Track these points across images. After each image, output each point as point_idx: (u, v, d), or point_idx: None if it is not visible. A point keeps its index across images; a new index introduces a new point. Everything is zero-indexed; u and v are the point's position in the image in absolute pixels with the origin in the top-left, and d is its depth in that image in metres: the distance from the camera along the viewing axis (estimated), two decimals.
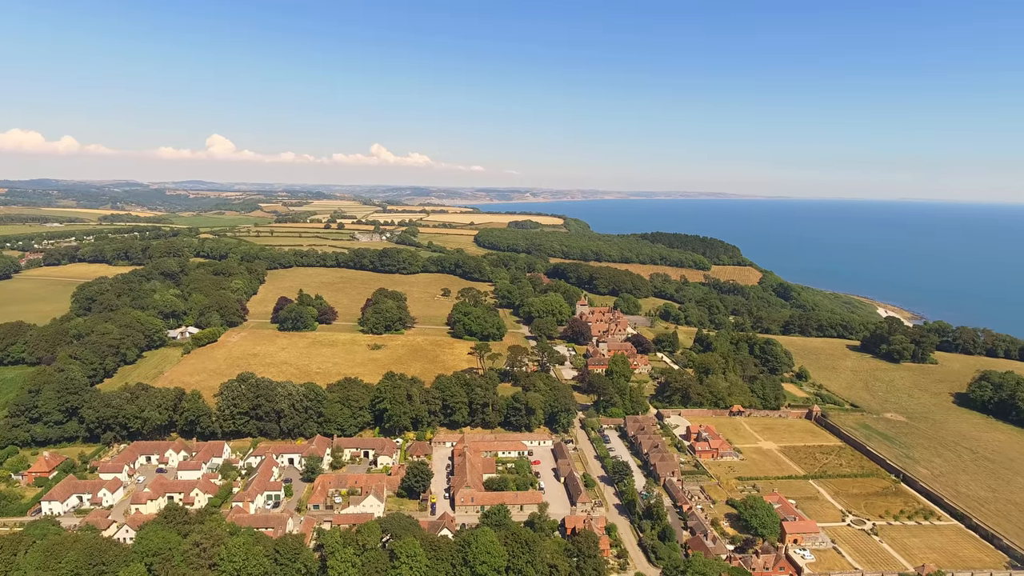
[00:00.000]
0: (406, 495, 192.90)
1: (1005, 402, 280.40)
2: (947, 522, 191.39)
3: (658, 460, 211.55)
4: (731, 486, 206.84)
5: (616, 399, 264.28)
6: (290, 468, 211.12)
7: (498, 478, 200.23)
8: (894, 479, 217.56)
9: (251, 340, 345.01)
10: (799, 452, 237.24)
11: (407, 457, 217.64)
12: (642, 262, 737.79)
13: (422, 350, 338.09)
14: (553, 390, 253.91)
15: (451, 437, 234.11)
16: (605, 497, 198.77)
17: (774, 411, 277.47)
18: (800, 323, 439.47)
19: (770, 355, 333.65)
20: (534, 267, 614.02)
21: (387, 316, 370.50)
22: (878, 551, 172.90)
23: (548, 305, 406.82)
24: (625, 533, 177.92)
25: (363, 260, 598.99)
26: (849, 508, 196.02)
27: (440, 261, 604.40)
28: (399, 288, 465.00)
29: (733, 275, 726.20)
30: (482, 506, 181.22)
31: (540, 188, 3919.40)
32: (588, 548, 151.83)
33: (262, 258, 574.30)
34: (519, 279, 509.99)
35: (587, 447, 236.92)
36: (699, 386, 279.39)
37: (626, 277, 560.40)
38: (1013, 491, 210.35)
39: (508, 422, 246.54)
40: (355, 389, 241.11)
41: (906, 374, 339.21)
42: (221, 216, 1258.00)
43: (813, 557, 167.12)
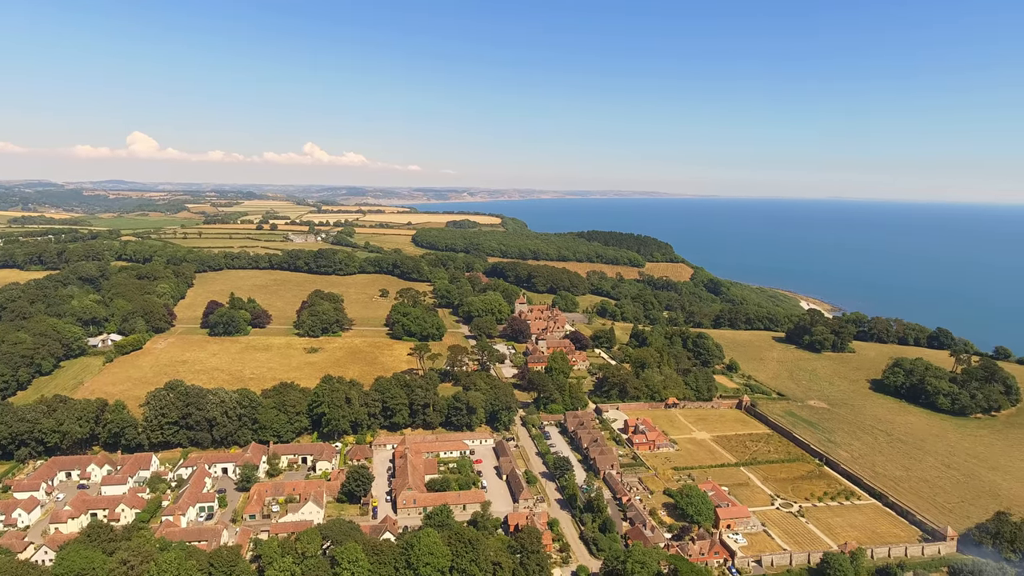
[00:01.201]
0: (347, 500, 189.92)
1: (916, 387, 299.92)
2: (866, 501, 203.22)
3: (598, 454, 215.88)
4: (668, 476, 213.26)
5: (556, 395, 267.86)
6: (224, 478, 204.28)
7: (440, 479, 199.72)
8: (818, 463, 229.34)
9: (180, 346, 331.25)
10: (731, 441, 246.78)
11: (347, 461, 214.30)
12: (579, 260, 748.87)
13: (361, 352, 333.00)
14: (494, 389, 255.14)
15: (392, 439, 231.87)
16: (547, 492, 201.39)
17: (707, 402, 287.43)
18: (730, 317, 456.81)
19: (702, 348, 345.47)
20: (473, 266, 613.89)
21: (324, 318, 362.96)
22: (805, 532, 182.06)
23: (487, 304, 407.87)
24: (567, 527, 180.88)
25: (298, 261, 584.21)
26: (777, 492, 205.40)
27: (378, 262, 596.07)
28: (336, 290, 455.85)
29: (666, 272, 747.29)
30: (424, 507, 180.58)
31: (477, 187, 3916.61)
32: (531, 544, 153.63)
33: (190, 261, 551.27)
34: (458, 279, 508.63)
35: (528, 444, 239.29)
36: (636, 380, 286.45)
37: (564, 275, 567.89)
38: (924, 469, 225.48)
39: (449, 422, 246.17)
40: (291, 394, 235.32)
41: (827, 363, 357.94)
42: (145, 217, 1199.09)
43: (745, 541, 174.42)
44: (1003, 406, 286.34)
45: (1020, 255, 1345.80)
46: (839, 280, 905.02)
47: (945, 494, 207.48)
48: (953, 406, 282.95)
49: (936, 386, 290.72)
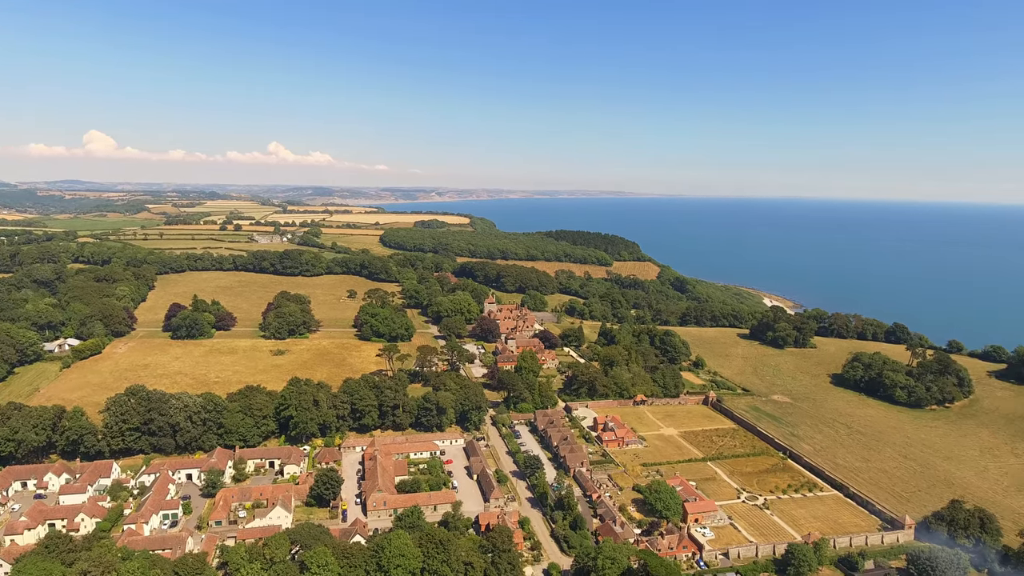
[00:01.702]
0: (316, 504, 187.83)
1: (874, 380, 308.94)
2: (828, 492, 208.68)
3: (568, 452, 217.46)
4: (637, 472, 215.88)
5: (526, 394, 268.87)
6: (189, 484, 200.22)
7: (411, 480, 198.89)
8: (782, 456, 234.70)
9: (141, 350, 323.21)
10: (698, 436, 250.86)
11: (315, 465, 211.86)
12: (547, 259, 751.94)
13: (328, 354, 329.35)
14: (463, 388, 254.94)
15: (361, 441, 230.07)
16: (518, 491, 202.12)
17: (674, 399, 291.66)
18: (696, 314, 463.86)
19: (669, 346, 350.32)
20: (441, 266, 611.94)
21: (290, 320, 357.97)
22: (770, 523, 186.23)
23: (456, 304, 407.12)
24: (538, 525, 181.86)
25: (263, 263, 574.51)
26: (743, 486, 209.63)
27: (345, 262, 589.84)
28: (302, 291, 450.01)
29: (634, 270, 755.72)
30: (395, 509, 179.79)
31: (445, 187, 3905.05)
32: (502, 543, 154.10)
33: (151, 262, 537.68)
34: (427, 279, 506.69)
35: (499, 443, 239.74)
36: (604, 378, 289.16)
37: (532, 275, 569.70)
38: (883, 460, 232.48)
39: (419, 423, 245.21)
40: (258, 397, 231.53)
41: (790, 358, 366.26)
42: (103, 218, 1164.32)
43: (713, 534, 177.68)
44: (956, 398, 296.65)
45: (971, 252, 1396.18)
46: (801, 276, 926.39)
47: (903, 484, 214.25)
48: (909, 398, 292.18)
49: (893, 379, 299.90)
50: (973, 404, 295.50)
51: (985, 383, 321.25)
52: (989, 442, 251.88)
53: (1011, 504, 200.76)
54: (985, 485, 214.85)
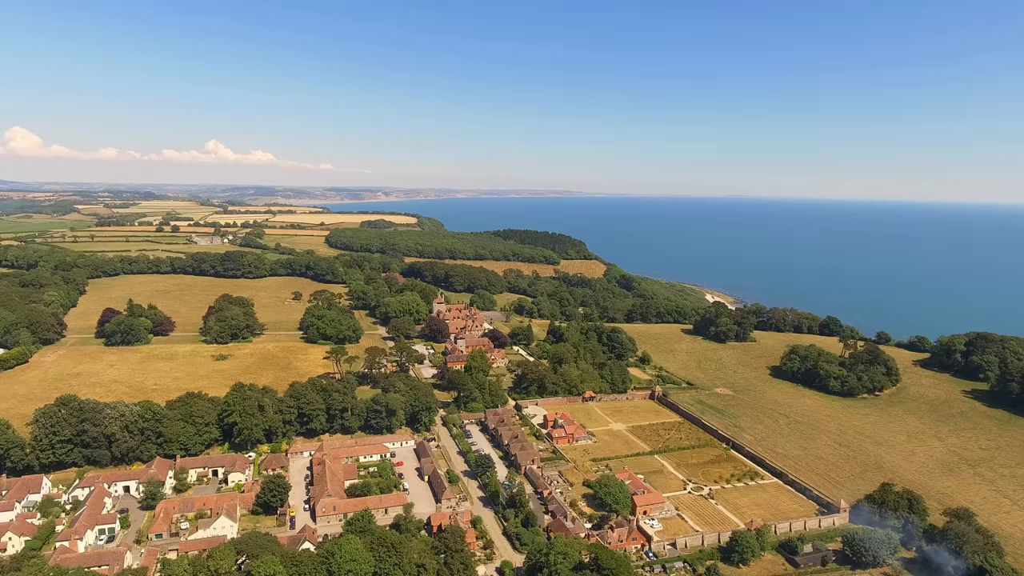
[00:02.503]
0: (262, 512, 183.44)
1: (810, 371, 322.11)
2: (769, 480, 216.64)
3: (518, 450, 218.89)
4: (587, 468, 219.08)
5: (476, 394, 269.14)
6: (126, 497, 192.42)
7: (361, 483, 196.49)
8: (725, 447, 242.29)
9: (72, 358, 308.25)
10: (645, 430, 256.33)
11: (261, 472, 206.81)
12: (496, 259, 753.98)
13: (274, 358, 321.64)
14: (413, 390, 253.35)
15: (309, 446, 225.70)
16: (470, 491, 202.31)
17: (622, 394, 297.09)
18: (641, 311, 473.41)
19: (616, 342, 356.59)
20: (389, 267, 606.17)
21: (233, 324, 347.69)
22: (715, 513, 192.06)
23: (405, 305, 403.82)
24: (490, 524, 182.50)
25: (203, 265, 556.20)
26: (689, 477, 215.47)
27: (290, 263, 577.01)
28: (245, 294, 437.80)
29: (581, 269, 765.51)
30: (345, 514, 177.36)
31: (392, 187, 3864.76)
32: (455, 543, 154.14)
33: (82, 266, 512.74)
34: (374, 279, 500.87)
35: (450, 443, 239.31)
36: (554, 376, 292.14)
37: (481, 274, 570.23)
38: (819, 448, 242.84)
39: (369, 425, 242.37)
40: (199, 404, 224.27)
41: (731, 352, 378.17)
42: (28, 220, 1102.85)
43: (661, 525, 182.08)
44: (885, 386, 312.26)
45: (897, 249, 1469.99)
46: (740, 273, 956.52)
47: (838, 470, 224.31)
48: (842, 388, 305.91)
49: (827, 370, 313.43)
50: (900, 392, 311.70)
51: (911, 372, 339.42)
52: (915, 427, 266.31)
53: (936, 485, 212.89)
54: (912, 468, 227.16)
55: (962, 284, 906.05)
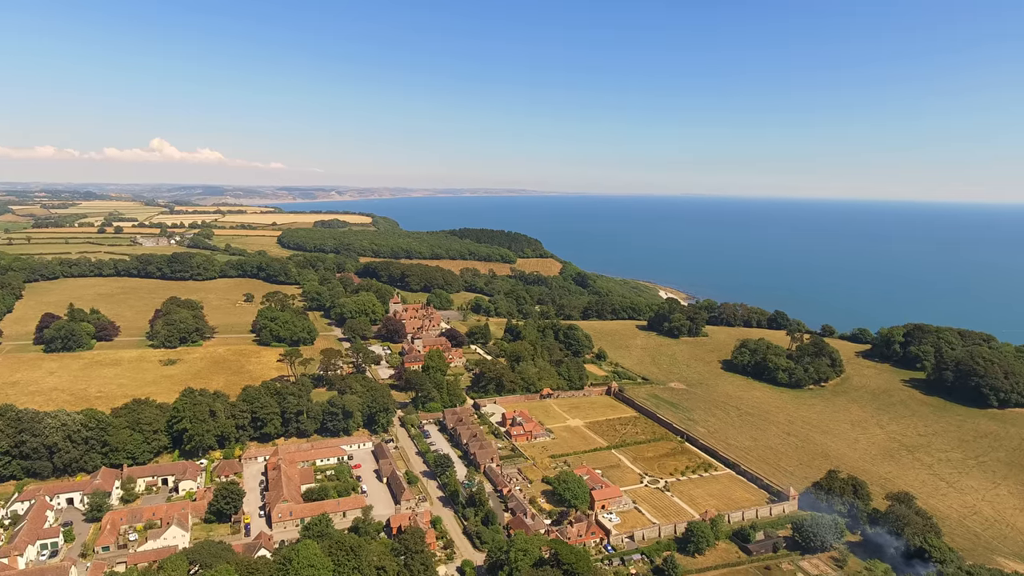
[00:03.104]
0: (216, 520, 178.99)
1: (760, 364, 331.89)
2: (722, 471, 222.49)
3: (477, 449, 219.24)
4: (546, 464, 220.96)
5: (434, 394, 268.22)
6: (70, 509, 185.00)
7: (318, 487, 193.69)
8: (680, 440, 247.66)
9: (8, 366, 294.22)
10: (602, 426, 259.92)
11: (214, 479, 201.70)
12: (452, 258, 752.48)
13: (225, 361, 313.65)
14: (370, 391, 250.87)
15: (264, 451, 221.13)
16: (429, 491, 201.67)
17: (579, 391, 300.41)
18: (597, 308, 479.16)
19: (573, 339, 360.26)
20: (344, 267, 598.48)
21: (181, 327, 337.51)
22: (671, 504, 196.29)
23: (360, 305, 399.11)
24: (450, 523, 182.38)
25: (149, 267, 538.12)
26: (646, 470, 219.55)
27: (241, 265, 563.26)
28: (194, 296, 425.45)
29: (537, 267, 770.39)
30: (302, 519, 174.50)
31: (346, 186, 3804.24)
32: (415, 544, 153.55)
33: (17, 269, 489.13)
34: (329, 280, 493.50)
35: (408, 444, 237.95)
36: (511, 374, 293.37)
37: (437, 273, 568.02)
38: (769, 438, 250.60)
39: (325, 428, 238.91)
40: (147, 411, 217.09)
41: (684, 347, 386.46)
42: None
43: (619, 519, 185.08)
44: (830, 377, 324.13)
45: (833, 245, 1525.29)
46: (693, 270, 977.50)
47: (787, 459, 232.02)
48: (790, 380, 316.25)
49: (776, 363, 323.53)
50: (844, 382, 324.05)
51: (854, 362, 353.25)
52: (858, 416, 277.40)
53: (878, 470, 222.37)
54: (856, 455, 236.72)
55: (906, 278, 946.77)
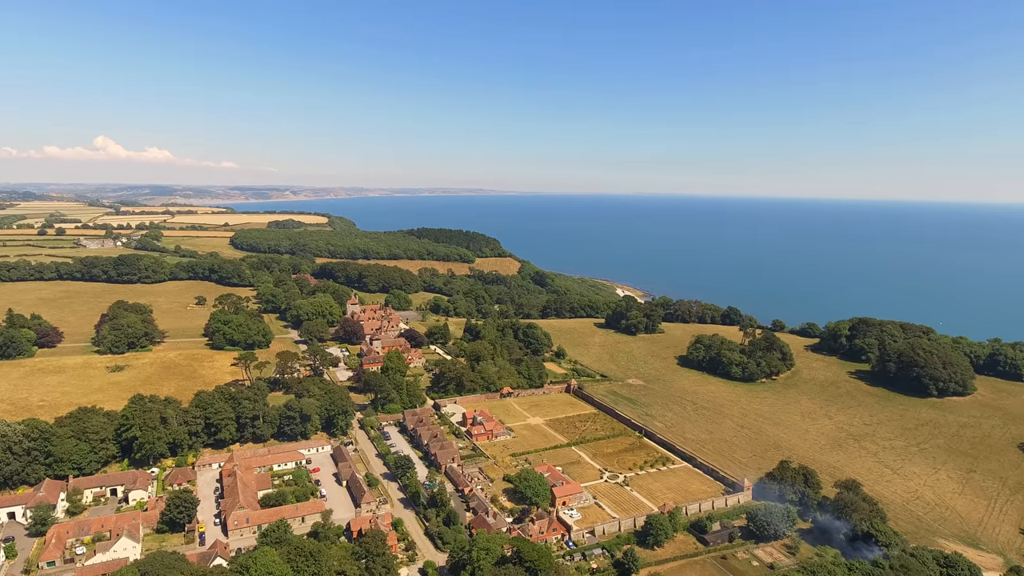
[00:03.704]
0: (168, 530, 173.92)
1: (714, 359, 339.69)
2: (679, 464, 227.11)
3: (438, 449, 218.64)
4: (507, 463, 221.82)
5: (393, 395, 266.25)
6: (12, 524, 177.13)
7: (275, 493, 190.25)
8: (638, 435, 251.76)
9: None
10: (562, 423, 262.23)
11: (166, 487, 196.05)
12: (410, 258, 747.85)
13: (176, 366, 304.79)
14: (328, 393, 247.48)
15: (218, 457, 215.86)
16: (390, 493, 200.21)
17: (539, 389, 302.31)
18: (555, 307, 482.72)
19: (532, 338, 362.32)
20: (300, 268, 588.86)
21: (130, 332, 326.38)
22: (630, 499, 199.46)
23: (317, 307, 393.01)
24: (412, 525, 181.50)
25: (94, 270, 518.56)
26: (605, 466, 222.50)
27: (192, 267, 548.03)
28: (143, 300, 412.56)
29: (495, 266, 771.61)
30: (259, 525, 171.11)
31: (301, 186, 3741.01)
32: (376, 547, 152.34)
33: None
34: (284, 281, 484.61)
35: (368, 446, 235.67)
36: (471, 373, 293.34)
37: (395, 274, 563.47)
38: (723, 431, 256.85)
39: (282, 432, 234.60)
40: (94, 419, 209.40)
41: (642, 344, 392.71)
42: None
43: (580, 515, 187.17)
44: (781, 370, 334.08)
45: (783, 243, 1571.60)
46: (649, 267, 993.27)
47: (741, 451, 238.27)
48: (743, 374, 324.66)
49: (729, 358, 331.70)
50: (794, 375, 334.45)
51: (803, 356, 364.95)
52: (808, 407, 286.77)
53: (827, 460, 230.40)
54: (806, 445, 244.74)
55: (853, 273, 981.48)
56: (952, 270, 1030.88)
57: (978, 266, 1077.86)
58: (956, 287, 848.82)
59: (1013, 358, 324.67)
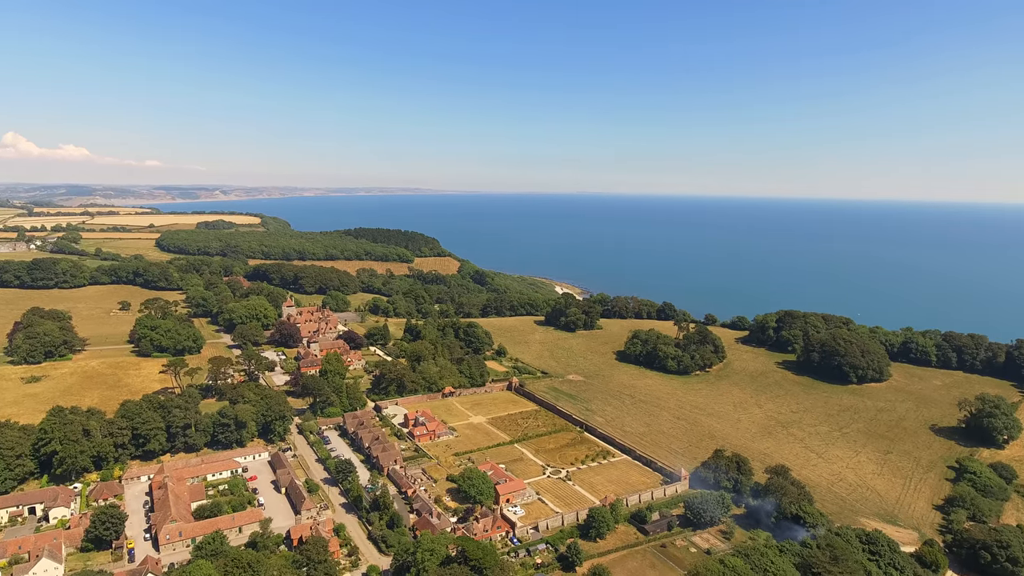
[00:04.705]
0: (94, 547, 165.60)
1: (651, 354, 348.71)
2: (619, 457, 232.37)
3: (380, 451, 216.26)
4: (450, 463, 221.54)
5: (333, 398, 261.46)
6: None
7: (210, 504, 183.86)
8: (579, 430, 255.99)
9: None
10: (504, 421, 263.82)
11: (90, 503, 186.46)
12: (348, 258, 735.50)
13: (100, 376, 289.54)
14: (265, 399, 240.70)
15: (147, 469, 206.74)
16: (331, 498, 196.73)
17: (481, 387, 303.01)
18: (496, 305, 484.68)
19: (473, 337, 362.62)
20: (232, 270, 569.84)
21: (46, 340, 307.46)
22: (572, 493, 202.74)
23: (251, 309, 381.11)
24: (354, 530, 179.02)
25: (5, 275, 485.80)
26: (548, 462, 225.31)
27: (115, 270, 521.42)
28: (61, 306, 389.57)
29: (435, 266, 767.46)
30: (193, 538, 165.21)
31: (231, 185, 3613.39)
32: (317, 554, 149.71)
33: None
34: (215, 284, 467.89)
35: (307, 452, 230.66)
36: (412, 374, 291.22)
37: (333, 274, 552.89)
38: (661, 423, 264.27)
39: (216, 441, 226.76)
40: (7, 434, 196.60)
41: (581, 340, 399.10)
42: None
43: (523, 511, 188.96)
44: (713, 363, 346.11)
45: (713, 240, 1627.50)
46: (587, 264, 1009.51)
47: (678, 442, 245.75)
48: (679, 367, 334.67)
49: (665, 352, 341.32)
50: (726, 367, 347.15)
51: (734, 348, 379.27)
52: (739, 397, 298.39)
53: (758, 447, 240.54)
54: (738, 434, 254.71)
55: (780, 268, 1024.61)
56: (869, 264, 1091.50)
57: (896, 260, 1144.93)
58: (873, 280, 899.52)
59: (923, 345, 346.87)
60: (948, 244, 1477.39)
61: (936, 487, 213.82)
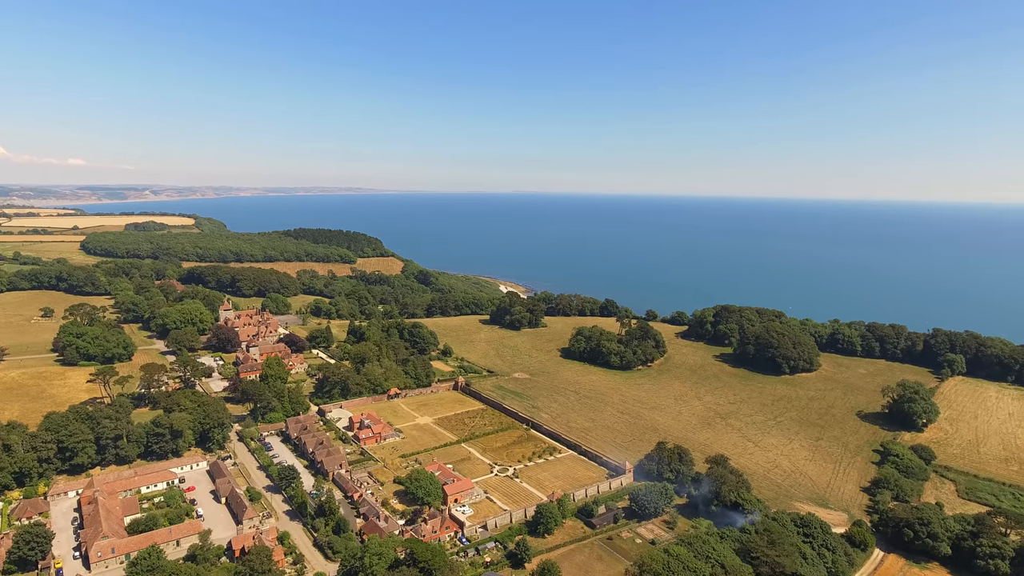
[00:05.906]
0: (18, 569, 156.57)
1: (594, 350, 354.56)
2: (566, 453, 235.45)
3: (324, 456, 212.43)
4: (397, 465, 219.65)
5: (275, 403, 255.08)
6: None
7: (144, 517, 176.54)
8: (526, 427, 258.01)
9: None
10: (451, 421, 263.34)
11: (12, 523, 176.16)
12: (288, 260, 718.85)
13: (20, 387, 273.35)
14: (202, 406, 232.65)
15: (76, 484, 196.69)
16: (274, 506, 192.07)
17: (427, 388, 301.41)
18: (440, 305, 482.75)
19: (418, 337, 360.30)
20: (164, 273, 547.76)
21: None
22: (520, 490, 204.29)
23: (186, 314, 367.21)
24: (299, 537, 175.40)
25: None
26: (495, 460, 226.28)
27: (35, 275, 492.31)
28: None
29: (378, 266, 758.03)
30: (127, 554, 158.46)
31: (163, 185, 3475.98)
32: (260, 564, 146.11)
33: None
34: (147, 288, 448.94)
35: (248, 459, 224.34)
36: (357, 376, 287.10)
37: (272, 276, 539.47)
38: (605, 418, 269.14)
39: (151, 451, 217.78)
40: None
41: (526, 338, 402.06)
42: None
43: (472, 510, 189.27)
44: (655, 357, 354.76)
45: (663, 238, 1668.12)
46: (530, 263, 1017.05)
47: (622, 436, 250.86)
48: (622, 363, 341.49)
49: (608, 348, 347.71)
50: (667, 361, 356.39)
51: (674, 343, 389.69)
52: (680, 390, 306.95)
53: (698, 438, 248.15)
54: (680, 426, 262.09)
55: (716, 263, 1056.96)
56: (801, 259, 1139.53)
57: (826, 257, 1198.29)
58: (804, 275, 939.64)
59: (849, 336, 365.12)
60: (880, 242, 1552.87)
61: (863, 470, 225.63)
